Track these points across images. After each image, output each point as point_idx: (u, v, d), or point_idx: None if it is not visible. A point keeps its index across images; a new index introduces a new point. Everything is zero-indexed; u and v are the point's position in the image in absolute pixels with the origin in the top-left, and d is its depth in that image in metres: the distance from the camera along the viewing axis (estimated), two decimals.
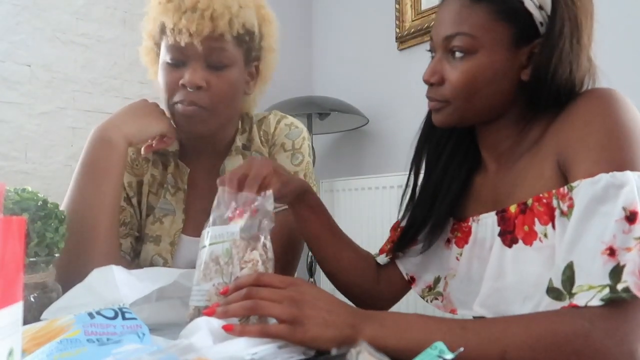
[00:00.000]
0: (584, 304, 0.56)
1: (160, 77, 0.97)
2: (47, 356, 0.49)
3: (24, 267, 0.52)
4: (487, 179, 0.81)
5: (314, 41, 2.78)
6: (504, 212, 0.73)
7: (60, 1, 2.07)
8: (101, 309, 0.59)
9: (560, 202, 0.65)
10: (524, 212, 0.70)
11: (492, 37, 0.70)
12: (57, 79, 2.06)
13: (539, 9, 0.69)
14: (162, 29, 0.94)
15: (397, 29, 2.25)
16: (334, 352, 0.55)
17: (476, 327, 0.59)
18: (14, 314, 0.33)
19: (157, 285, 0.72)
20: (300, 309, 0.59)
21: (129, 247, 1.03)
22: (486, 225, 0.76)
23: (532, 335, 0.56)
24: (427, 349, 0.52)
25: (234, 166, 0.93)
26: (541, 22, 0.70)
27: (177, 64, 0.93)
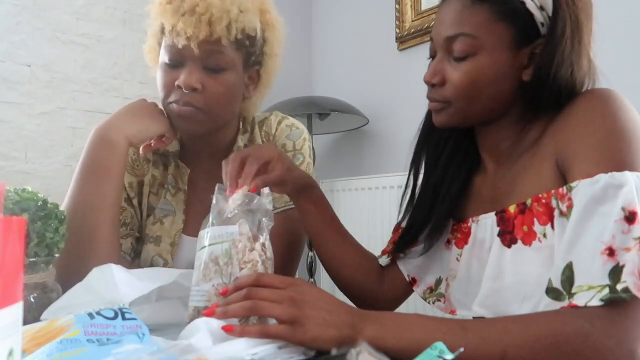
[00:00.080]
0: (583, 304, 0.56)
1: (158, 76, 0.97)
2: (47, 356, 0.49)
3: (24, 267, 0.52)
4: (487, 180, 0.81)
5: (314, 41, 2.78)
6: (503, 213, 0.73)
7: (60, 1, 2.08)
8: (101, 309, 0.59)
9: (559, 202, 0.65)
10: (523, 212, 0.70)
11: (494, 37, 0.70)
12: (57, 79, 2.06)
13: (540, 9, 0.70)
14: (162, 29, 0.94)
15: (397, 29, 2.25)
16: (334, 352, 0.55)
17: (476, 327, 0.59)
18: (14, 314, 0.34)
19: (157, 284, 0.72)
20: (300, 309, 0.59)
21: (130, 248, 1.03)
22: (485, 225, 0.77)
23: (532, 335, 0.56)
24: (427, 349, 0.52)
25: None
26: (542, 22, 0.70)
27: (175, 64, 0.93)
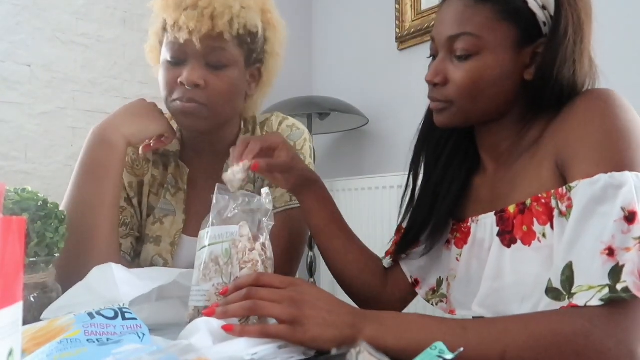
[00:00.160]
0: (583, 304, 0.56)
1: (160, 75, 0.97)
2: (47, 356, 0.49)
3: (24, 267, 0.52)
4: (486, 180, 0.81)
5: (314, 41, 2.78)
6: (502, 213, 0.73)
7: (60, 1, 2.08)
8: (101, 308, 0.59)
9: (559, 202, 0.65)
10: (523, 212, 0.70)
11: (496, 37, 0.70)
12: (57, 79, 2.06)
13: (542, 9, 0.70)
14: (164, 25, 0.95)
15: (397, 29, 2.25)
16: (334, 352, 0.55)
17: (476, 327, 0.59)
18: (14, 314, 0.33)
19: (157, 284, 0.72)
20: (300, 309, 0.59)
21: (130, 248, 1.03)
22: (485, 225, 0.76)
23: (532, 335, 0.56)
24: (427, 349, 0.52)
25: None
26: (544, 21, 0.70)
27: (177, 62, 0.94)
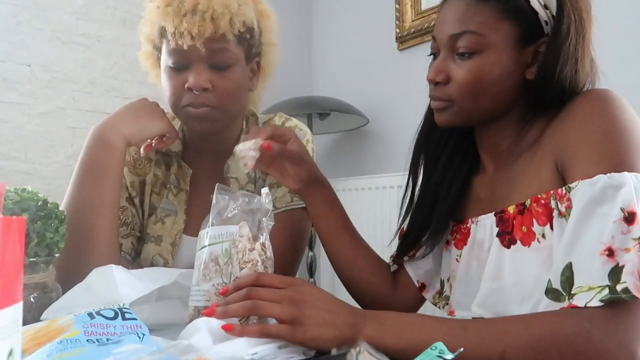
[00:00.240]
0: (583, 305, 0.56)
1: (164, 81, 0.97)
2: (47, 356, 0.49)
3: (24, 267, 0.52)
4: (486, 180, 0.81)
5: (314, 41, 2.78)
6: (502, 213, 0.73)
7: (60, 1, 2.08)
8: (101, 309, 0.59)
9: (558, 203, 0.65)
10: (522, 212, 0.70)
11: (499, 35, 0.70)
12: (57, 79, 2.06)
13: (544, 8, 0.70)
14: (162, 33, 0.93)
15: (397, 29, 2.25)
16: (334, 352, 0.55)
17: (476, 327, 0.59)
18: (14, 314, 0.34)
19: (157, 284, 0.72)
20: (300, 309, 0.59)
21: (130, 248, 1.03)
22: (485, 226, 0.76)
23: (532, 335, 0.56)
24: (427, 349, 0.52)
25: (238, 167, 0.93)
26: (546, 21, 0.70)
27: (180, 67, 0.93)
